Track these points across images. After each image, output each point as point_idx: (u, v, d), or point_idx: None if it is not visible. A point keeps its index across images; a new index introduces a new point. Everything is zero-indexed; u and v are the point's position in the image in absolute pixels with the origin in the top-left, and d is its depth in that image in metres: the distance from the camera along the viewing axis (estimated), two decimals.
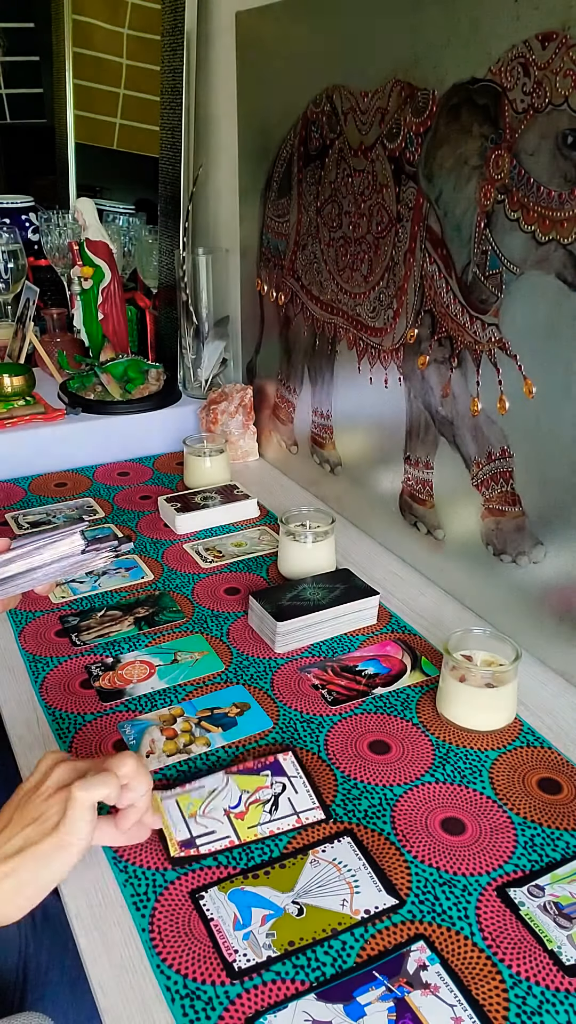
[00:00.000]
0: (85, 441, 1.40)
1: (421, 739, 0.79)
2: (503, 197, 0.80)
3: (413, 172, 0.93)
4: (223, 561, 1.10)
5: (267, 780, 0.73)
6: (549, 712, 0.84)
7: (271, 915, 0.61)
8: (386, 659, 0.91)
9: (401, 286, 0.99)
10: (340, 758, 0.77)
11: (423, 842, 0.68)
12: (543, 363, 0.81)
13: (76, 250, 1.49)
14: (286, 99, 1.15)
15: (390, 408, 1.07)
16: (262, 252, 1.31)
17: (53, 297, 1.84)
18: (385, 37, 0.92)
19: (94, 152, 1.89)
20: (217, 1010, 0.55)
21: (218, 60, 1.40)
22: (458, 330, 0.91)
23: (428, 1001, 0.56)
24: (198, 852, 0.66)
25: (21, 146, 2.50)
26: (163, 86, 1.50)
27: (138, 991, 0.57)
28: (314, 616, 0.92)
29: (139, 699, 0.84)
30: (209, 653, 0.91)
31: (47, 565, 0.72)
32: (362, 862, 0.66)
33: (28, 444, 1.36)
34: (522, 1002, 0.56)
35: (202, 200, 1.57)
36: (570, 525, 0.82)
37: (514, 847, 0.68)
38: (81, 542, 0.71)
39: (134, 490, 1.31)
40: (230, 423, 1.40)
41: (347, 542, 1.16)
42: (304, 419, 1.30)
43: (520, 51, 0.75)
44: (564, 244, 0.75)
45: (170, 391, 1.50)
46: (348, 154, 1.03)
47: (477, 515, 0.95)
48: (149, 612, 0.98)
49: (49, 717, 0.82)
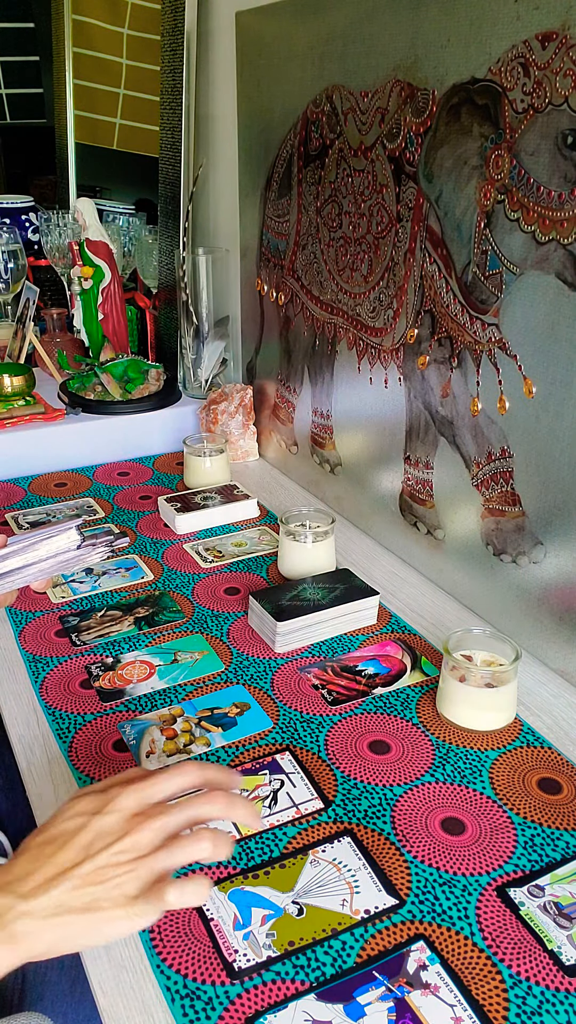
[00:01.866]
0: (85, 441, 1.40)
1: (421, 739, 0.79)
2: (503, 197, 0.80)
3: (413, 172, 0.93)
4: (223, 561, 1.10)
5: (265, 778, 0.74)
6: (549, 712, 0.84)
7: (271, 915, 0.61)
8: (386, 659, 0.91)
9: (401, 286, 0.99)
10: (340, 758, 0.77)
11: (423, 842, 0.68)
12: (543, 363, 0.81)
13: (76, 250, 1.49)
14: (286, 99, 1.15)
15: (390, 408, 1.07)
16: (262, 252, 1.31)
17: (53, 297, 1.84)
18: (385, 37, 0.92)
19: (94, 152, 1.89)
20: (217, 1010, 0.55)
21: (218, 60, 1.40)
22: (458, 330, 0.91)
23: (428, 1001, 0.56)
24: None
25: (21, 146, 2.50)
26: (163, 86, 1.50)
27: (138, 991, 0.57)
28: (314, 616, 0.92)
29: (139, 699, 0.84)
30: (209, 653, 0.91)
31: (43, 561, 0.72)
32: (362, 862, 0.66)
33: (28, 444, 1.36)
34: (522, 1002, 0.56)
35: (202, 200, 1.57)
36: (570, 525, 0.82)
37: (514, 847, 0.68)
38: (77, 537, 0.71)
39: (134, 490, 1.31)
40: (230, 423, 1.40)
41: (347, 542, 1.16)
42: (304, 419, 1.30)
43: (520, 51, 0.75)
44: (564, 244, 0.75)
45: (170, 391, 1.50)
46: (348, 154, 1.03)
47: (477, 515, 0.95)
48: (149, 612, 0.98)
49: (49, 717, 0.82)
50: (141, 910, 0.51)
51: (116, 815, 0.54)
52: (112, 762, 0.76)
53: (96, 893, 0.51)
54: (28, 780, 0.75)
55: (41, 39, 2.20)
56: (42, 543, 0.72)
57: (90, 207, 1.45)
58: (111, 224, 1.61)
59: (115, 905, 0.51)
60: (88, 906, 0.51)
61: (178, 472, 1.38)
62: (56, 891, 0.51)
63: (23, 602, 1.00)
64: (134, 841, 0.53)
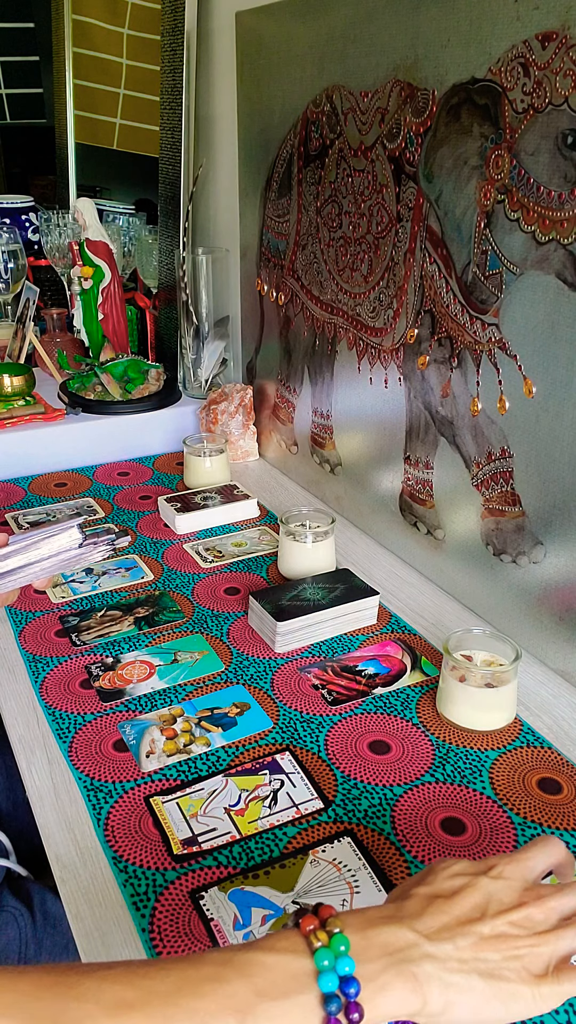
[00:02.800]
0: (85, 441, 1.40)
1: (421, 739, 0.79)
2: (503, 197, 0.80)
3: (413, 172, 0.93)
4: (223, 561, 1.10)
5: (265, 778, 0.74)
6: (549, 712, 0.84)
7: (271, 915, 0.61)
8: (386, 659, 0.91)
9: (401, 286, 0.99)
10: (340, 758, 0.77)
11: (423, 842, 0.68)
12: (543, 363, 0.81)
13: (76, 250, 1.49)
14: (286, 99, 1.15)
15: (390, 408, 1.07)
16: (262, 252, 1.31)
17: (53, 297, 1.84)
18: (385, 37, 0.92)
19: (94, 152, 1.89)
20: None
21: (218, 60, 1.40)
22: (458, 330, 0.91)
23: None
24: (200, 849, 0.67)
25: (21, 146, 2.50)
26: (163, 86, 1.50)
27: None
28: (314, 616, 0.92)
29: (139, 699, 0.84)
30: (209, 653, 0.91)
31: (44, 559, 0.72)
32: (362, 862, 0.66)
33: (28, 444, 1.36)
34: None
35: (202, 200, 1.57)
36: (570, 525, 0.82)
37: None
38: (79, 536, 0.72)
39: (134, 490, 1.31)
40: (230, 423, 1.40)
41: (347, 542, 1.16)
42: (304, 419, 1.30)
43: (520, 51, 0.75)
44: (564, 244, 0.75)
45: (170, 391, 1.50)
46: (348, 154, 1.03)
47: (477, 515, 0.95)
48: (149, 612, 0.98)
49: (49, 717, 0.82)
50: (549, 992, 0.46)
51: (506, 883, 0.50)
52: (112, 762, 0.76)
53: (498, 961, 0.46)
54: (28, 780, 0.75)
55: (41, 39, 2.20)
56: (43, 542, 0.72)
57: (90, 207, 1.45)
58: (111, 224, 1.61)
59: (520, 980, 0.46)
60: (492, 972, 0.45)
61: (178, 472, 1.38)
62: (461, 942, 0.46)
63: (23, 602, 1.00)
64: (529, 915, 0.48)
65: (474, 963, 0.45)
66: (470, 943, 0.46)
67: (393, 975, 0.44)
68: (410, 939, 0.45)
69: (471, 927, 0.47)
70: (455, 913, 0.47)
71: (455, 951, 0.45)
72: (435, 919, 0.47)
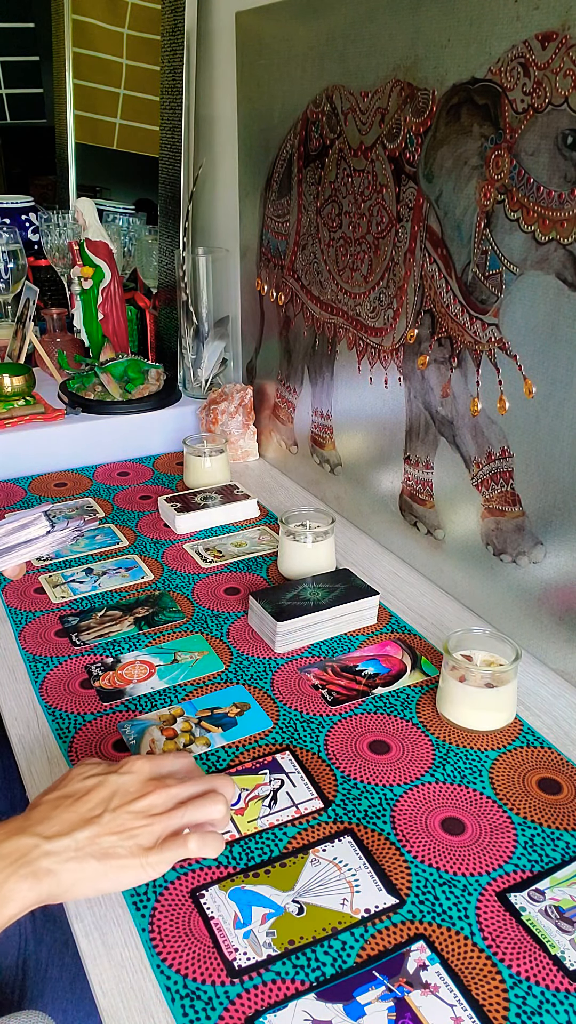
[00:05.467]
0: (85, 441, 1.40)
1: (421, 739, 0.79)
2: (503, 197, 0.80)
3: (413, 172, 0.93)
4: (223, 561, 1.10)
5: (265, 778, 0.74)
6: (549, 712, 0.84)
7: (271, 914, 0.61)
8: (386, 659, 0.91)
9: (401, 286, 0.99)
10: (340, 758, 0.77)
11: (423, 842, 0.68)
12: (543, 363, 0.81)
13: (76, 250, 1.49)
14: (286, 99, 1.15)
15: (390, 408, 1.07)
16: (262, 252, 1.31)
17: (53, 297, 1.84)
18: (385, 37, 0.92)
19: (94, 152, 1.89)
20: (217, 1010, 0.55)
21: (218, 60, 1.40)
22: (458, 330, 0.91)
23: (428, 1001, 0.56)
24: None
25: (21, 146, 2.50)
26: (163, 86, 1.50)
27: (138, 991, 0.57)
28: (314, 616, 0.92)
29: (139, 699, 0.84)
30: (209, 653, 0.91)
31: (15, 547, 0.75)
32: (362, 861, 0.66)
33: (28, 444, 1.36)
34: (522, 1002, 0.56)
35: (202, 200, 1.57)
36: (570, 525, 0.82)
37: (514, 847, 0.68)
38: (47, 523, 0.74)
39: (134, 490, 1.31)
40: (230, 423, 1.40)
41: (347, 542, 1.16)
42: (304, 419, 1.30)
43: (520, 51, 0.75)
44: (564, 244, 0.75)
45: (170, 391, 1.50)
46: (348, 154, 1.03)
47: (477, 515, 0.95)
48: (149, 612, 0.98)
49: (49, 717, 0.82)
50: (154, 860, 0.56)
51: (132, 776, 0.60)
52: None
53: (114, 842, 0.56)
54: (28, 780, 0.75)
55: (41, 39, 2.20)
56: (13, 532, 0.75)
57: (90, 207, 1.45)
58: (111, 224, 1.61)
59: (130, 854, 0.56)
60: (106, 852, 0.55)
61: (178, 472, 1.38)
62: (79, 835, 0.55)
63: (23, 602, 1.00)
64: (150, 802, 0.58)
65: (89, 848, 0.55)
66: (90, 834, 0.56)
67: (16, 880, 0.53)
68: (30, 844, 0.54)
69: (92, 821, 0.56)
70: (80, 811, 0.57)
71: (73, 843, 0.55)
72: (60, 819, 0.56)
